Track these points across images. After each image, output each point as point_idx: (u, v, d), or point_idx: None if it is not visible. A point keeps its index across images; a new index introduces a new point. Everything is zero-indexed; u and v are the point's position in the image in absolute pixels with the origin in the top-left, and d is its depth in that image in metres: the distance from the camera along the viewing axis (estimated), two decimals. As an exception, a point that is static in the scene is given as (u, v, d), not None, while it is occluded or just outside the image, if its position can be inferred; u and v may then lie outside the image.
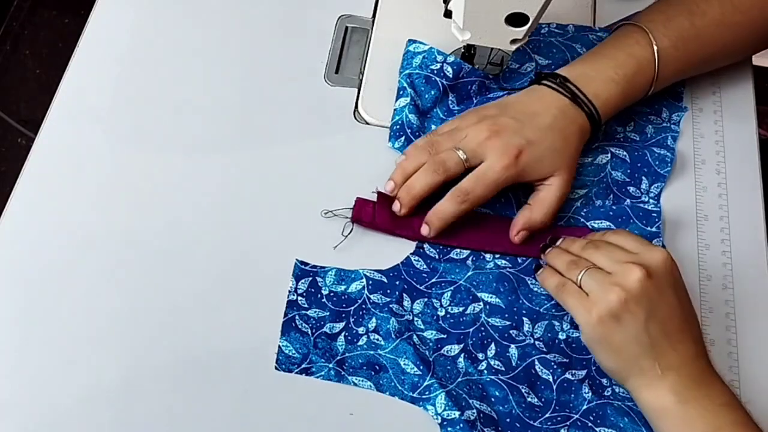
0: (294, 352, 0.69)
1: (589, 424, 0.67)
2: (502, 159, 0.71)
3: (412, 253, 0.74)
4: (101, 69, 0.83)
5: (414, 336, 0.70)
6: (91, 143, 0.79)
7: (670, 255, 0.65)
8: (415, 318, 0.71)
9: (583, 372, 0.69)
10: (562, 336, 0.70)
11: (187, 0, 0.89)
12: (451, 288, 0.72)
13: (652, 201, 0.77)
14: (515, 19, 0.72)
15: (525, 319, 0.71)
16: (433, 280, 0.73)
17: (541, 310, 0.71)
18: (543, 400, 0.68)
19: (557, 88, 0.75)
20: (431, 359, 0.69)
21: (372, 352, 0.69)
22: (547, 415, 0.67)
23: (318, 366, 0.68)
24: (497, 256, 0.74)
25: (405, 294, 0.72)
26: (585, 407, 0.68)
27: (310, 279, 0.72)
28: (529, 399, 0.68)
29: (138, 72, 0.83)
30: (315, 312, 0.71)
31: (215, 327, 0.70)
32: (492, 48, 0.79)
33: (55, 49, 1.84)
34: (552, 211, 0.73)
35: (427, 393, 0.67)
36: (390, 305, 0.71)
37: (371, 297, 0.72)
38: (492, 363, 0.69)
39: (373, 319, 0.70)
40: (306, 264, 0.73)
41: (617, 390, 0.68)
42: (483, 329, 0.70)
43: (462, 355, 0.69)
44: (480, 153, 0.72)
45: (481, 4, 0.71)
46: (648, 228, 0.75)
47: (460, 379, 0.68)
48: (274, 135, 0.80)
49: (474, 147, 0.72)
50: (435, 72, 0.80)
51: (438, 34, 0.81)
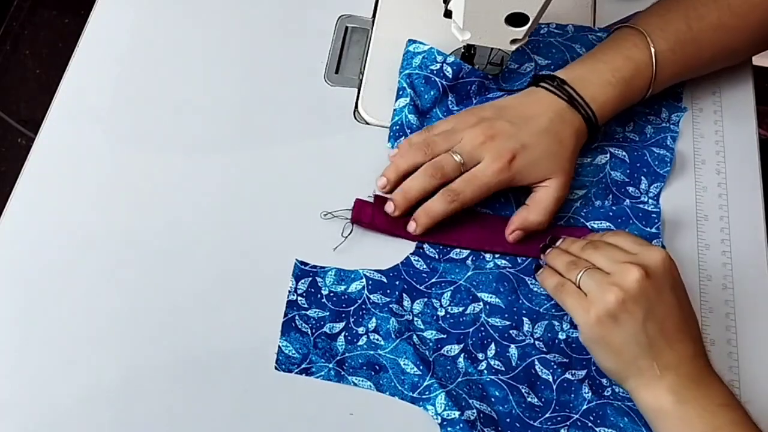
0: (294, 352, 0.69)
1: (589, 424, 0.67)
2: (495, 163, 0.71)
3: (411, 253, 0.74)
4: (101, 69, 0.83)
5: (414, 336, 0.70)
6: (91, 143, 0.79)
7: (668, 255, 0.65)
8: (415, 318, 0.71)
9: (583, 372, 0.69)
10: (562, 336, 0.70)
11: (187, 0, 0.89)
12: (451, 288, 0.72)
13: (651, 201, 0.77)
14: (515, 19, 0.72)
15: (525, 319, 0.71)
16: (433, 280, 0.73)
17: (541, 310, 0.71)
18: (543, 400, 0.68)
19: (554, 90, 0.75)
20: (431, 359, 0.69)
21: (372, 352, 0.69)
22: (547, 415, 0.67)
23: (318, 366, 0.68)
24: (497, 256, 0.74)
25: (405, 294, 0.72)
26: (585, 407, 0.68)
27: (309, 279, 0.72)
28: (529, 399, 0.68)
29: (138, 72, 0.83)
30: (315, 312, 0.71)
31: (215, 327, 0.70)
32: (492, 48, 0.79)
33: (55, 49, 1.84)
34: (548, 213, 0.73)
35: (427, 393, 0.67)
36: (390, 305, 0.71)
37: (371, 297, 0.72)
38: (492, 363, 0.69)
39: (373, 319, 0.70)
40: (306, 264, 0.73)
41: (617, 390, 0.68)
42: (483, 329, 0.71)
43: (462, 355, 0.69)
44: (476, 156, 0.72)
45: (481, 4, 0.71)
46: (647, 229, 0.75)
47: (460, 379, 0.68)
48: (274, 135, 0.80)
49: (470, 150, 0.72)
50: (435, 72, 0.80)
51: (438, 34, 0.81)
